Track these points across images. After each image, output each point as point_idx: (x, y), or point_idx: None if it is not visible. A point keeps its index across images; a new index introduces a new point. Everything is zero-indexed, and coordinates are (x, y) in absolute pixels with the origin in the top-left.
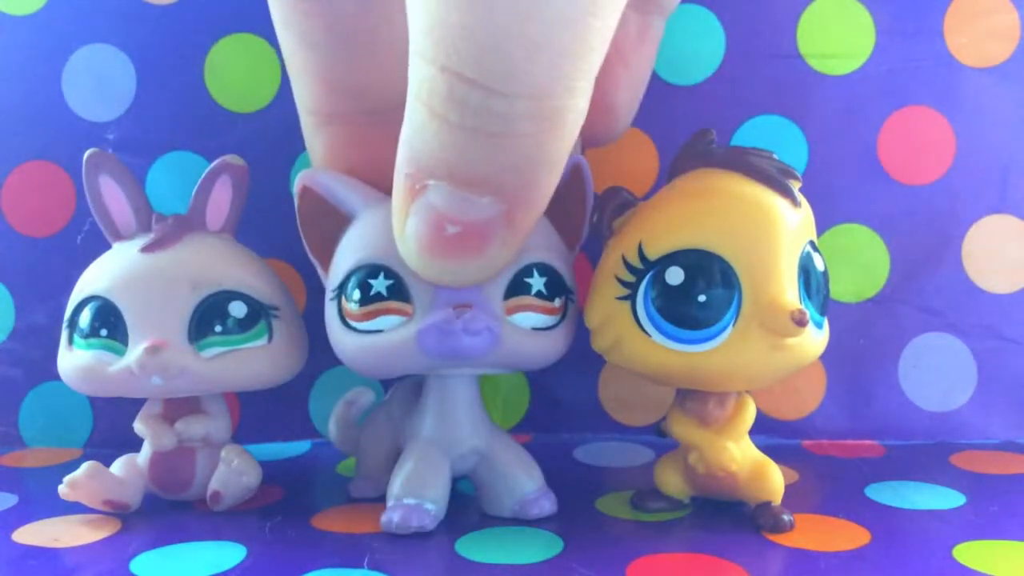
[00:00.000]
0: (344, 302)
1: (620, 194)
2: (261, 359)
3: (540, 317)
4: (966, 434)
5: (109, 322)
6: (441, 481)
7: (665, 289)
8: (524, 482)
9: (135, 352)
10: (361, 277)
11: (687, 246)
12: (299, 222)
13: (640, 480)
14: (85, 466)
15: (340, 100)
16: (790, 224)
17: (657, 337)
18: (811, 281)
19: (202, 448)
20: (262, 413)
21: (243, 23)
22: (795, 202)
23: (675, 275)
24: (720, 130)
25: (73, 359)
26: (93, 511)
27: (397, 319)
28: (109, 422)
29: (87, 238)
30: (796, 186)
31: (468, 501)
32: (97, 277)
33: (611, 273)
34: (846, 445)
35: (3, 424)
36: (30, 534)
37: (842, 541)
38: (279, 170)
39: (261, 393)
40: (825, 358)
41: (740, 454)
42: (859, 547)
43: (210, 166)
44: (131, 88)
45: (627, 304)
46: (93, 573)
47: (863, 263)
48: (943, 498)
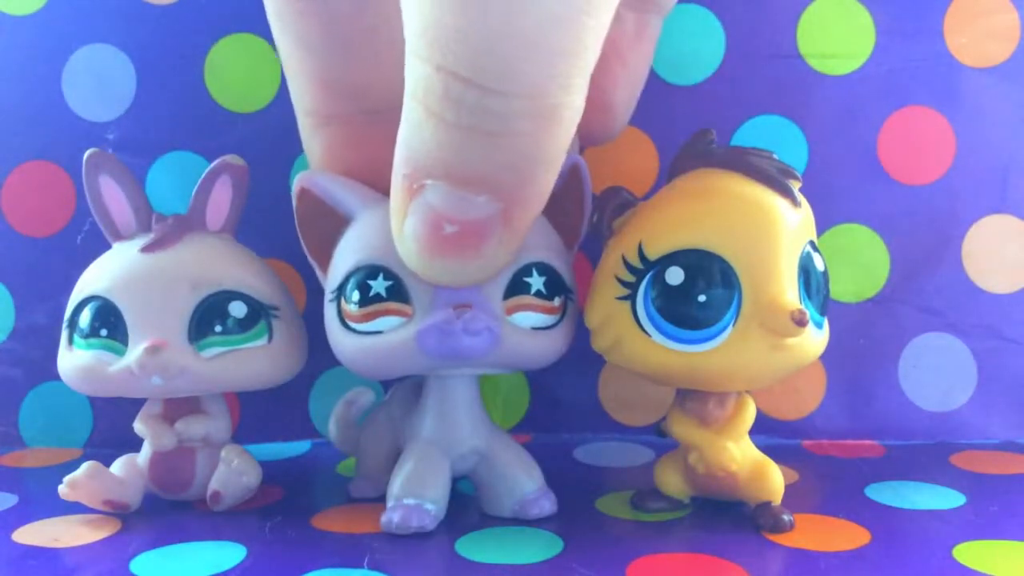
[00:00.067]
0: (343, 303)
1: (620, 194)
2: (261, 359)
3: (540, 316)
4: (966, 434)
5: (109, 322)
6: (441, 481)
7: (665, 289)
8: (524, 482)
9: (135, 352)
10: (360, 278)
11: (687, 246)
12: (297, 224)
13: (640, 480)
14: (85, 466)
15: (337, 101)
16: (790, 224)
17: (657, 337)
18: (811, 281)
19: (202, 448)
20: (262, 413)
21: (243, 23)
22: (795, 202)
23: (675, 275)
24: (720, 130)
25: (73, 359)
26: (93, 511)
27: (397, 320)
28: (109, 422)
29: (87, 238)
30: (796, 186)
31: (468, 501)
32: (97, 277)
33: (611, 273)
34: (846, 445)
35: (3, 424)
36: (30, 534)
37: (842, 541)
38: (279, 170)
39: (261, 393)
40: (825, 358)
41: (740, 454)
42: (859, 547)
43: (210, 166)
44: (131, 88)
45: (627, 304)
46: (93, 573)
47: (863, 263)
48: (943, 498)
